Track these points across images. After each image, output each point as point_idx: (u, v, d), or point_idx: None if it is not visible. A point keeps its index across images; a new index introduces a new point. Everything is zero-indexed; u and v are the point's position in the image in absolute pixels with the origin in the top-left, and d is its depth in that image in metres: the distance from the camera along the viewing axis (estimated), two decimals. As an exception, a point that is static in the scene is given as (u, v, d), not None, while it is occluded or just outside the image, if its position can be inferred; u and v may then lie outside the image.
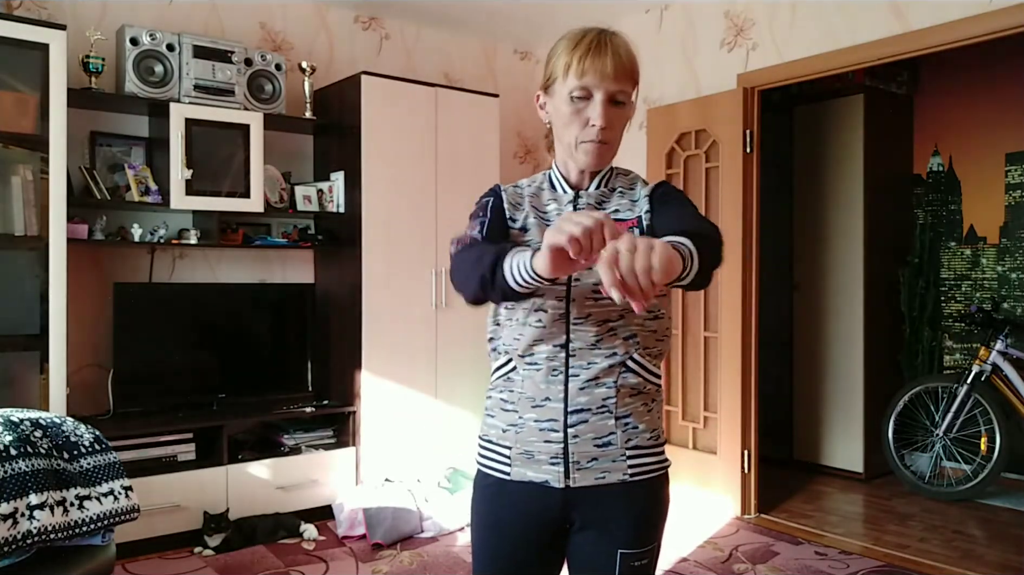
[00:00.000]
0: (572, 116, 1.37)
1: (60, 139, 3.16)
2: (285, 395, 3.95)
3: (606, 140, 1.37)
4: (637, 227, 1.39)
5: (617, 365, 1.36)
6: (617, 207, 1.42)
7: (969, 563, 3.31)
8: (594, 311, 1.36)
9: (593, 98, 1.35)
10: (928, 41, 3.29)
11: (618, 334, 1.37)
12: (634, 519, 1.38)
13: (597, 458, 1.36)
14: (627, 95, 1.38)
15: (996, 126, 4.60)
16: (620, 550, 1.36)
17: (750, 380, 3.93)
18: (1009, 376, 4.16)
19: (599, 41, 1.36)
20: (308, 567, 3.22)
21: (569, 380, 1.36)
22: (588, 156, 1.38)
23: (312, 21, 4.33)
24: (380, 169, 3.97)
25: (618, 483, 1.37)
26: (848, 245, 4.64)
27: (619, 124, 1.39)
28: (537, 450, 1.37)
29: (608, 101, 1.35)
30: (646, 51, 4.43)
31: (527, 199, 1.45)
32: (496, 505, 1.43)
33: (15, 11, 3.44)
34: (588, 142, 1.37)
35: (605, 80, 1.34)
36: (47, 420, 2.21)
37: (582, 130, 1.37)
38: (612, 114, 1.36)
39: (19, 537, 1.93)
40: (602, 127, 1.35)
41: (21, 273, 3.19)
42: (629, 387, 1.38)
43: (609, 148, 1.39)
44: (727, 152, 3.95)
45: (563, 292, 1.37)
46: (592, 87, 1.34)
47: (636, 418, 1.38)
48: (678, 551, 3.43)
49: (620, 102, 1.37)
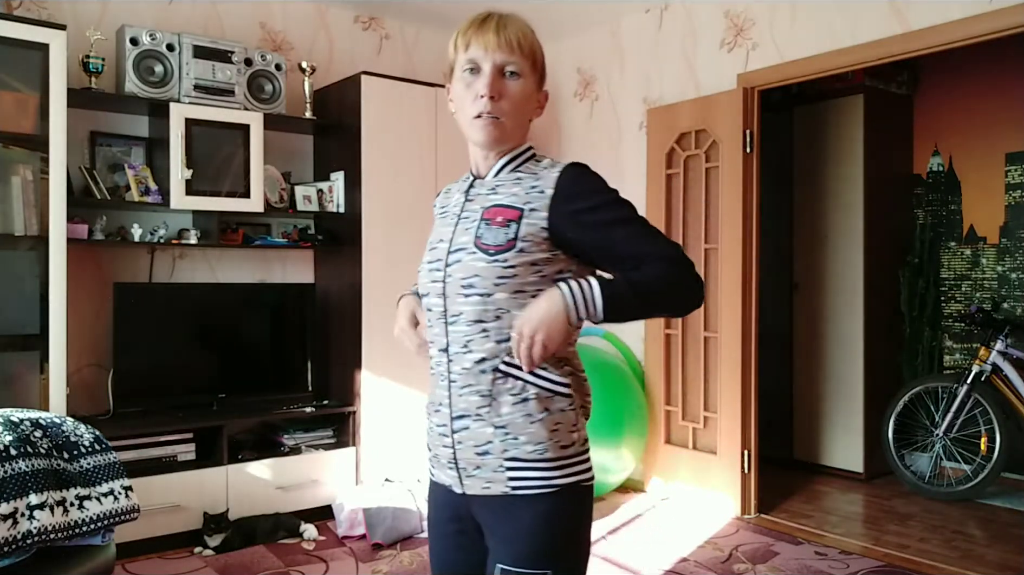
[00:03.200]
0: (464, 92, 1.34)
1: (60, 139, 3.16)
2: (285, 395, 3.95)
3: (497, 114, 1.31)
4: (515, 222, 1.29)
5: (490, 371, 1.29)
6: (507, 195, 1.33)
7: (969, 563, 3.31)
8: (465, 309, 1.31)
9: (482, 71, 1.31)
10: (928, 41, 3.29)
11: (491, 336, 1.29)
12: (514, 536, 1.29)
13: (480, 466, 1.31)
14: (521, 68, 1.32)
15: (996, 126, 4.60)
16: (499, 565, 1.28)
17: (750, 380, 3.93)
18: (1009, 376, 4.16)
19: (487, 17, 1.34)
20: (308, 567, 3.22)
21: (451, 385, 1.33)
22: (479, 132, 1.33)
23: (312, 21, 4.33)
24: (380, 169, 3.97)
25: (501, 495, 1.30)
26: (848, 245, 4.64)
27: (515, 99, 1.33)
28: (439, 455, 1.38)
29: (497, 73, 1.31)
30: (646, 51, 4.44)
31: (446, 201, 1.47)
32: (431, 506, 1.46)
33: (15, 11, 3.44)
34: (477, 116, 1.32)
35: (490, 50, 1.30)
36: (47, 420, 2.21)
37: (473, 104, 1.32)
38: (503, 86, 1.31)
39: (19, 537, 1.93)
40: (489, 97, 1.30)
41: (21, 273, 3.18)
42: (508, 394, 1.29)
43: (501, 124, 1.32)
44: (727, 152, 3.95)
45: (441, 289, 1.34)
46: (479, 59, 1.31)
47: (515, 428, 1.29)
48: (678, 551, 3.43)
49: (514, 74, 1.32)
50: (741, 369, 3.91)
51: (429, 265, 1.38)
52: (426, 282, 1.37)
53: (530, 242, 1.28)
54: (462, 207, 1.38)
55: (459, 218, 1.37)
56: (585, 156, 4.74)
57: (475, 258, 1.29)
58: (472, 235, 1.31)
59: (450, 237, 1.36)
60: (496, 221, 1.30)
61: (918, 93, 4.90)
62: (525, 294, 1.28)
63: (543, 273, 1.29)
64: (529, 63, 1.33)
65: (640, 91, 4.50)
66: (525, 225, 1.28)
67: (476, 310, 1.29)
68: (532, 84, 1.35)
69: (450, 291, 1.32)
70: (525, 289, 1.28)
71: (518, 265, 1.27)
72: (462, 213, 1.37)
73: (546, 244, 1.29)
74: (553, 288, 1.25)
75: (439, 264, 1.35)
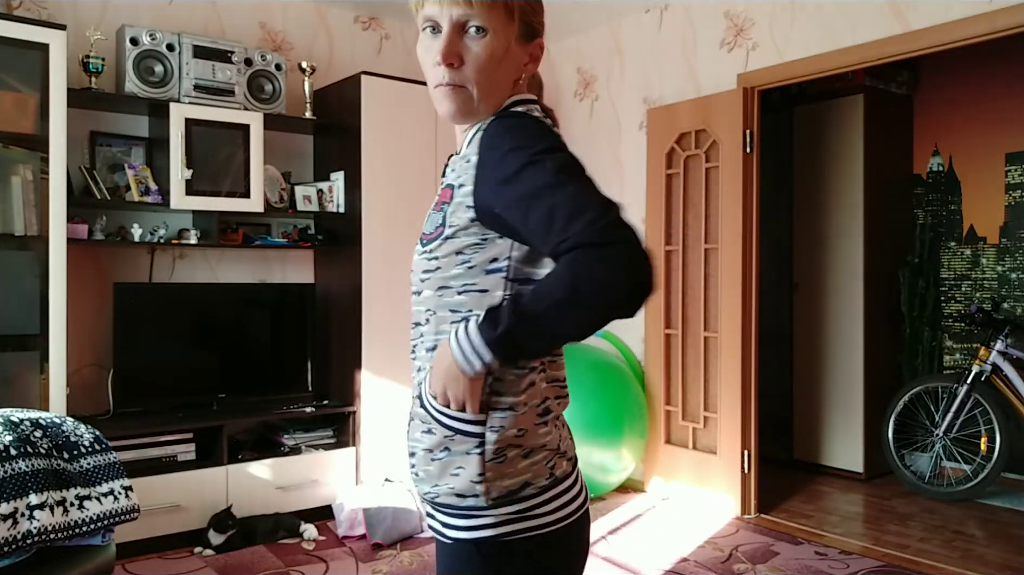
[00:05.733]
0: (424, 56, 1.11)
1: (60, 139, 3.16)
2: (285, 395, 3.95)
3: (458, 82, 1.08)
4: (446, 204, 1.08)
5: (417, 386, 1.12)
6: (455, 172, 1.11)
7: (969, 563, 3.31)
8: (412, 310, 1.15)
9: (441, 30, 1.08)
10: (928, 41, 3.29)
11: (425, 341, 1.12)
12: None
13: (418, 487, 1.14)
14: (487, 22, 1.06)
15: (996, 126, 4.60)
16: None
17: (750, 380, 3.93)
18: (1009, 376, 4.16)
19: None
20: (308, 567, 3.22)
21: None
22: (440, 103, 1.10)
23: (312, 21, 4.33)
24: (380, 169, 3.97)
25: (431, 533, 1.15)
26: (848, 245, 4.64)
27: (481, 61, 1.07)
28: None
29: (457, 30, 1.07)
30: (646, 51, 4.44)
31: None
32: None
33: (15, 11, 3.44)
34: (437, 86, 1.10)
35: (446, 3, 1.06)
36: (47, 420, 2.21)
37: (432, 71, 1.10)
38: (464, 47, 1.07)
39: (19, 537, 1.93)
40: (447, 62, 1.06)
41: (21, 273, 3.18)
42: (418, 418, 1.11)
43: (466, 93, 1.08)
44: (727, 152, 3.95)
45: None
46: (436, 16, 1.08)
47: (419, 463, 1.10)
48: (678, 551, 3.43)
49: (480, 29, 1.06)
50: (741, 369, 3.91)
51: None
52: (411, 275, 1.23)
53: (456, 226, 1.06)
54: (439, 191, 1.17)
55: None
56: (585, 156, 4.70)
57: (417, 251, 1.13)
58: None
59: None
60: (436, 206, 1.11)
61: (918, 93, 4.91)
62: (451, 290, 1.08)
63: (471, 263, 1.06)
64: (501, 13, 1.07)
65: (640, 91, 4.50)
66: (453, 206, 1.07)
67: (415, 311, 1.14)
68: (507, 38, 1.09)
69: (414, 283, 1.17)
70: (450, 284, 1.08)
71: (442, 256, 1.08)
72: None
73: (474, 227, 1.05)
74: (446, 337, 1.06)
75: None
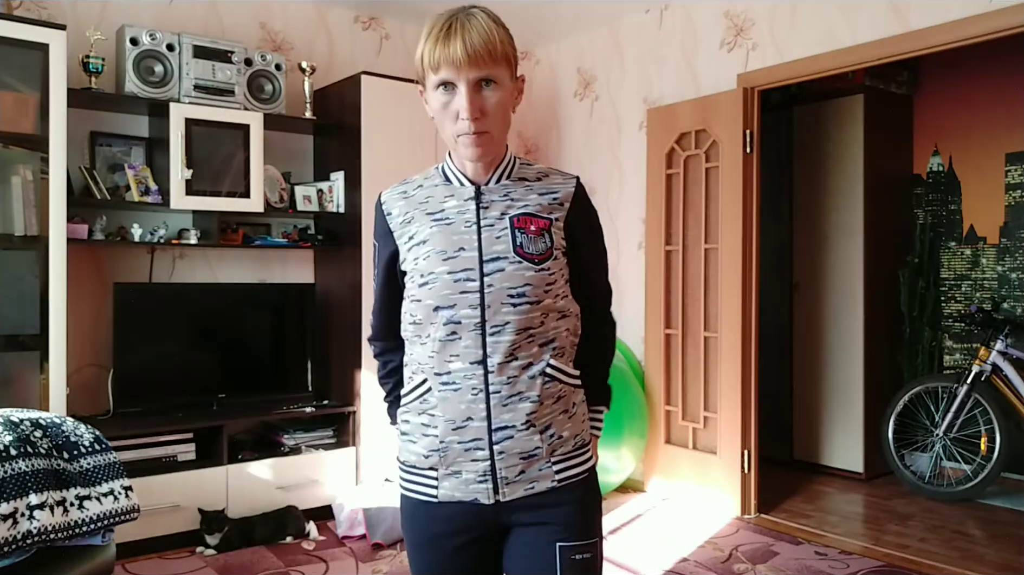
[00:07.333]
0: (442, 110, 1.29)
1: (60, 139, 3.16)
2: (285, 395, 3.95)
3: (482, 130, 1.28)
4: (547, 231, 1.34)
5: (538, 375, 1.32)
6: (527, 203, 1.35)
7: (969, 563, 3.31)
8: (512, 319, 1.30)
9: (457, 89, 1.26)
10: (928, 41, 3.29)
11: (536, 340, 1.32)
12: (566, 518, 1.35)
13: (525, 470, 1.33)
14: (496, 75, 1.27)
15: (996, 126, 4.60)
16: (559, 542, 1.33)
17: (750, 380, 3.93)
18: (1009, 376, 4.16)
19: (449, 26, 1.26)
20: (308, 567, 3.22)
21: (491, 398, 1.30)
22: (468, 149, 1.30)
23: (312, 21, 4.33)
24: (380, 169, 3.96)
25: (545, 491, 1.34)
26: (848, 245, 4.64)
27: (496, 110, 1.29)
28: (464, 470, 1.33)
29: (474, 88, 1.26)
30: (646, 51, 4.44)
31: (417, 206, 1.37)
32: (427, 524, 1.39)
33: (15, 11, 3.44)
34: (464, 135, 1.29)
35: (461, 69, 1.24)
36: (47, 420, 2.21)
37: (455, 124, 1.29)
38: (482, 101, 1.27)
39: (19, 537, 1.93)
40: (472, 119, 1.26)
41: (21, 273, 3.18)
42: (551, 396, 1.34)
43: (489, 137, 1.30)
44: (727, 152, 3.95)
45: (477, 300, 1.29)
46: (452, 79, 1.26)
47: (559, 427, 1.35)
48: (678, 551, 3.43)
49: (491, 82, 1.27)
50: (741, 369, 3.91)
51: (452, 275, 1.30)
52: (450, 293, 1.30)
53: (560, 250, 1.36)
54: (477, 214, 1.33)
55: (478, 226, 1.32)
56: (585, 156, 4.75)
57: (521, 267, 1.30)
58: (508, 244, 1.31)
59: (477, 246, 1.31)
60: (531, 230, 1.33)
61: (918, 93, 4.91)
62: (558, 297, 1.36)
63: (565, 276, 1.39)
64: (503, 65, 1.29)
65: (640, 91, 4.50)
66: (555, 234, 1.35)
67: (525, 318, 1.30)
68: (509, 82, 1.31)
69: (492, 301, 1.29)
70: (559, 292, 1.36)
71: (556, 271, 1.35)
72: (480, 220, 1.33)
73: (564, 250, 1.39)
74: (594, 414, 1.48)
75: (471, 274, 1.30)
